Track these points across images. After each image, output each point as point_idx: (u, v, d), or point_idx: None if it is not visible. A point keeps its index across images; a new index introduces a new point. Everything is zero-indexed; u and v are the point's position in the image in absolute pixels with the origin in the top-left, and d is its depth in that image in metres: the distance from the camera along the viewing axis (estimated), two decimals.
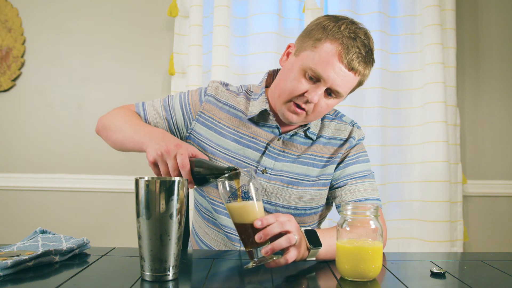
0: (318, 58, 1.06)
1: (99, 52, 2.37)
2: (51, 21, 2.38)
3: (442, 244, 2.11)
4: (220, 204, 1.19)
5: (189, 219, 1.46)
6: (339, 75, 1.06)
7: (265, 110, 1.17)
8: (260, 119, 1.19)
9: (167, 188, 0.81)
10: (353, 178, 1.19)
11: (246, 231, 0.88)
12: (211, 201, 1.20)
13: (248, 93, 1.24)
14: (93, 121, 2.38)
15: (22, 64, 2.38)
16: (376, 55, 2.16)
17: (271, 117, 1.17)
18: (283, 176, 1.17)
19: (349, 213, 0.88)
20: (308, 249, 0.96)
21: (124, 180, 2.31)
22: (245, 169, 0.91)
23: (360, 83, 1.13)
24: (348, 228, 0.87)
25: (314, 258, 0.98)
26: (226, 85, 1.26)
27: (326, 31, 1.06)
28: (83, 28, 2.38)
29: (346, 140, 1.21)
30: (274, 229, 0.87)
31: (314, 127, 1.21)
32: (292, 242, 0.88)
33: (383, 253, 1.12)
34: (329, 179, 1.20)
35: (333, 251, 0.97)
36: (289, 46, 1.17)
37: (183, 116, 1.22)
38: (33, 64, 2.38)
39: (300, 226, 1.21)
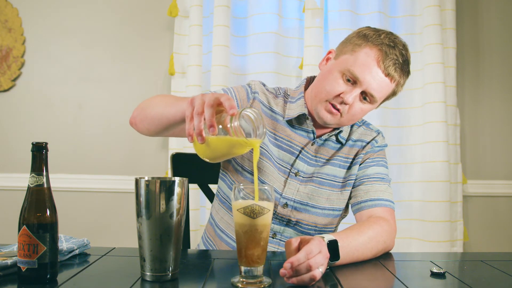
0: (357, 61, 1.09)
1: (99, 52, 2.37)
2: (51, 21, 2.38)
3: (442, 244, 2.11)
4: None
5: (189, 219, 1.45)
6: (375, 79, 1.09)
7: (303, 114, 1.19)
8: (296, 122, 1.21)
9: (167, 188, 0.81)
10: (369, 178, 1.20)
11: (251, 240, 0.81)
12: (231, 184, 1.21)
13: (285, 96, 1.26)
14: (93, 121, 2.40)
15: (22, 64, 2.38)
16: None
17: (308, 122, 1.19)
18: (314, 177, 1.20)
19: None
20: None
21: (124, 180, 2.31)
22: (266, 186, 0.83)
23: (394, 93, 1.16)
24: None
25: (328, 267, 0.93)
26: (264, 85, 1.27)
27: (366, 38, 1.11)
28: (83, 28, 2.37)
29: (368, 143, 1.24)
30: (302, 270, 0.81)
31: (344, 132, 1.23)
32: (317, 279, 0.82)
33: (390, 253, 1.13)
34: (354, 179, 1.22)
35: (349, 258, 0.96)
36: (329, 52, 1.21)
37: None
38: (33, 64, 2.38)
39: (326, 230, 1.21)
